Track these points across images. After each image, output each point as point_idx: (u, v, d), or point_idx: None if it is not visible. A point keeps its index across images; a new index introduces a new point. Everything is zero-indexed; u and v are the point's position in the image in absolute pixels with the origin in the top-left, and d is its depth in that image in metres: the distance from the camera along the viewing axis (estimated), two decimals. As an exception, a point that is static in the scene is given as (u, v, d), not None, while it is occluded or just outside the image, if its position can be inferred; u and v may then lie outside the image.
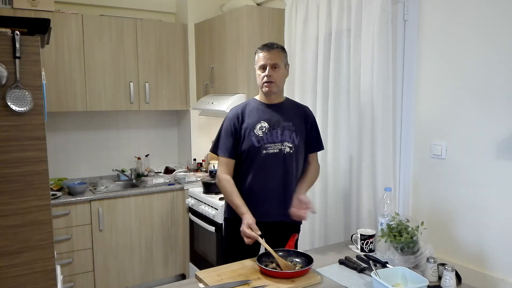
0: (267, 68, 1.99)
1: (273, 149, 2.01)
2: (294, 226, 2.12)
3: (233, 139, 2.05)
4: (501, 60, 1.73)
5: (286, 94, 2.77)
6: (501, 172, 1.75)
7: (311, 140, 2.13)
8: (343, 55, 2.42)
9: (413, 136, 2.13)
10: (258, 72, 2.04)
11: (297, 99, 2.65)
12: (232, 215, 2.07)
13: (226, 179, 2.03)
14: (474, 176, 1.86)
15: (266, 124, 2.03)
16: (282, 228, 2.08)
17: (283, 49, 2.06)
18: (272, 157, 2.01)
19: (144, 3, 3.71)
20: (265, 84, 2.01)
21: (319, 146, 2.18)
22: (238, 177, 2.07)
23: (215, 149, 2.12)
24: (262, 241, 1.83)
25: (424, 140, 2.08)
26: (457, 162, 1.93)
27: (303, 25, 2.64)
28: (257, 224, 1.90)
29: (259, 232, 1.84)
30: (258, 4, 3.32)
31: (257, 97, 2.14)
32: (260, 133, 2.02)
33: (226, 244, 2.18)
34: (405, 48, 2.14)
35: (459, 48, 1.89)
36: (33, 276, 1.67)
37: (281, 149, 2.02)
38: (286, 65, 2.08)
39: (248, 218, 1.89)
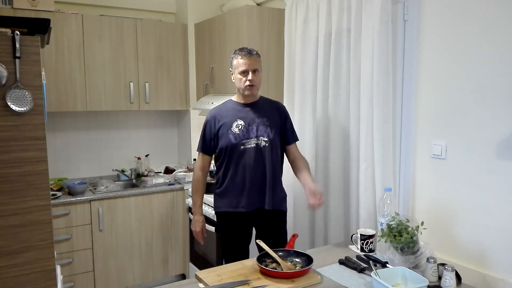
0: (249, 73, 2.16)
1: (249, 144, 2.19)
2: (277, 214, 2.28)
3: (209, 139, 2.29)
4: (501, 60, 1.73)
5: (287, 94, 2.79)
6: (501, 172, 1.75)
7: (287, 132, 2.31)
8: (343, 55, 2.42)
9: (413, 136, 2.13)
10: (238, 76, 2.21)
11: (297, 99, 2.66)
12: (224, 208, 2.28)
13: (198, 178, 2.37)
14: (474, 176, 1.86)
15: (242, 122, 2.21)
16: (264, 216, 2.25)
17: (259, 54, 2.24)
18: (249, 151, 2.19)
19: (144, 3, 3.71)
20: (248, 87, 2.18)
21: (295, 137, 2.36)
22: (221, 172, 2.28)
23: (198, 148, 2.38)
24: (262, 243, 1.84)
25: (424, 140, 2.08)
26: (457, 162, 1.93)
27: (303, 25, 2.64)
28: (240, 214, 2.22)
29: (204, 235, 2.38)
30: (258, 4, 3.32)
31: (234, 98, 2.33)
32: (236, 130, 2.20)
33: (222, 239, 2.36)
34: (405, 48, 2.14)
35: (459, 48, 1.89)
36: (33, 276, 1.67)
37: (257, 143, 2.19)
38: (261, 68, 2.27)
39: (198, 222, 2.37)
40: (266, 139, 2.19)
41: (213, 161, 3.68)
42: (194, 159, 3.77)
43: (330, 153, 2.53)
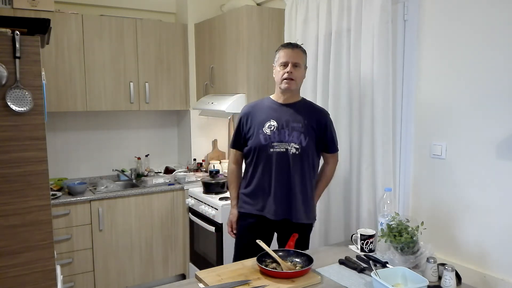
0: (289, 65, 2.03)
1: (279, 148, 2.05)
2: (303, 226, 2.14)
3: (239, 135, 2.21)
4: (501, 60, 1.73)
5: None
6: (501, 172, 1.75)
7: (326, 142, 2.14)
8: (343, 55, 2.42)
9: (413, 136, 2.13)
10: (278, 68, 2.08)
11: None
12: (247, 209, 2.17)
13: (232, 170, 2.29)
14: (474, 176, 1.86)
15: (275, 123, 2.07)
16: (290, 226, 2.10)
17: (305, 51, 2.11)
18: (278, 155, 2.06)
19: (144, 3, 3.71)
20: (285, 80, 2.04)
21: (334, 149, 2.19)
22: (250, 172, 2.16)
23: (230, 144, 2.32)
24: (262, 243, 1.84)
25: (424, 140, 2.08)
26: (457, 162, 1.93)
27: (303, 25, 2.64)
28: (264, 219, 2.11)
29: (235, 232, 2.24)
30: (258, 4, 3.32)
31: (272, 96, 2.19)
32: (268, 131, 2.07)
33: (238, 237, 2.24)
34: (405, 48, 2.14)
35: (459, 48, 1.89)
36: (33, 276, 1.67)
37: (287, 149, 2.05)
38: (305, 67, 2.14)
39: (233, 214, 2.24)
40: (298, 147, 2.04)
41: (214, 161, 3.63)
42: (194, 159, 3.77)
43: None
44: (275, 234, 2.23)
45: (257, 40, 2.99)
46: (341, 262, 1.86)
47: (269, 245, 2.12)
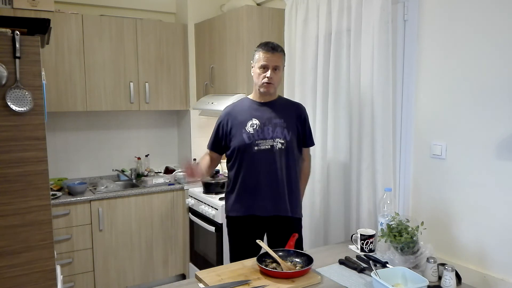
0: (269, 70, 2.05)
1: (264, 145, 2.08)
2: (292, 221, 2.16)
3: (220, 137, 2.20)
4: (501, 60, 1.73)
5: (287, 94, 2.79)
6: (501, 172, 1.75)
7: (305, 136, 2.21)
8: (343, 55, 2.42)
9: (413, 136, 2.13)
10: (257, 70, 2.09)
11: (297, 99, 2.65)
12: (235, 213, 2.16)
13: (204, 157, 2.26)
14: (474, 176, 1.86)
15: (257, 121, 2.10)
16: (279, 223, 2.13)
17: (283, 51, 2.13)
18: (263, 153, 2.08)
19: (144, 3, 3.71)
20: (265, 84, 2.08)
21: (310, 142, 2.26)
22: (232, 174, 2.17)
23: (208, 145, 2.29)
24: (261, 243, 1.84)
25: (424, 140, 2.08)
26: (457, 162, 1.93)
27: (303, 25, 2.64)
28: (253, 218, 2.10)
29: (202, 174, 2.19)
30: (258, 4, 3.32)
31: (251, 96, 2.22)
32: (251, 130, 2.09)
33: (231, 243, 2.24)
34: (405, 48, 2.14)
35: (459, 48, 1.89)
36: (33, 276, 1.67)
37: (272, 145, 2.08)
38: (283, 66, 2.17)
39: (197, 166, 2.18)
40: (282, 141, 2.08)
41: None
42: (194, 159, 3.77)
43: (330, 153, 2.53)
44: (265, 235, 2.21)
45: (257, 40, 2.98)
46: (341, 262, 1.86)
47: (260, 247, 2.12)
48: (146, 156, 3.79)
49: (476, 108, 1.83)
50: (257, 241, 1.86)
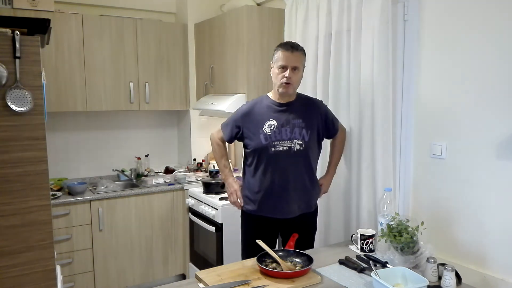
0: (288, 69, 2.02)
1: (281, 146, 2.05)
2: (307, 216, 2.19)
3: (232, 126, 2.19)
4: (501, 60, 1.73)
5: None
6: (501, 172, 1.75)
7: (328, 128, 2.20)
8: (343, 55, 2.41)
9: (413, 136, 2.13)
10: (276, 70, 2.06)
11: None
12: (251, 209, 2.17)
13: (217, 143, 2.28)
14: (474, 176, 1.86)
15: (275, 122, 2.07)
16: (294, 222, 2.15)
17: (304, 51, 2.09)
18: (280, 154, 2.06)
19: (144, 3, 3.71)
20: (283, 84, 2.04)
21: (335, 131, 2.25)
22: (248, 174, 2.17)
23: (222, 124, 2.28)
24: (262, 243, 1.84)
25: (424, 140, 2.08)
26: (457, 162, 1.93)
27: (303, 25, 2.64)
28: (271, 220, 2.12)
29: (241, 200, 2.19)
30: (258, 4, 3.32)
31: (270, 95, 2.19)
32: (268, 131, 2.07)
33: (244, 238, 2.25)
34: (405, 48, 2.14)
35: (459, 48, 1.89)
36: (33, 276, 1.67)
37: (290, 146, 2.06)
38: (304, 66, 2.13)
39: (234, 182, 2.22)
40: (301, 142, 2.06)
41: (214, 161, 3.63)
42: (194, 159, 3.77)
43: (330, 153, 2.53)
44: (279, 235, 2.24)
45: (257, 40, 2.99)
46: (341, 262, 1.86)
47: (274, 244, 2.18)
48: (146, 156, 3.79)
49: (477, 108, 1.83)
50: (257, 241, 1.86)
